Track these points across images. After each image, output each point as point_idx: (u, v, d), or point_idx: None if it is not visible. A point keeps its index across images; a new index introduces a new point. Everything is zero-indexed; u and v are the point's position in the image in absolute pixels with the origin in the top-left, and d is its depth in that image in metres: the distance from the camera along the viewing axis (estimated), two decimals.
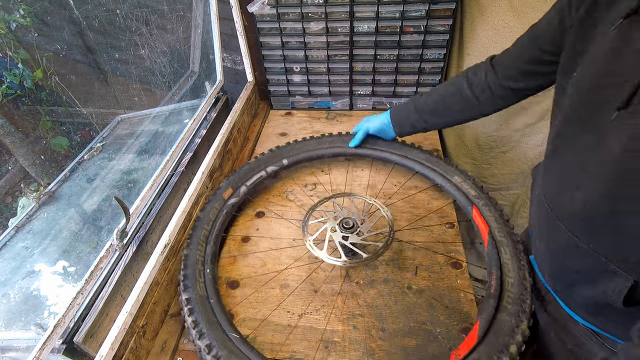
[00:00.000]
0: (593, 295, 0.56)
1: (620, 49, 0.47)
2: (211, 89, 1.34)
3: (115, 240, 0.78)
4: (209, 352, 0.68)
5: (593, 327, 0.63)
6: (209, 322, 0.73)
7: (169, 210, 0.98)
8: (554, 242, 0.62)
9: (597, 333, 0.63)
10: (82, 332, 0.68)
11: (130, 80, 1.02)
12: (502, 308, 0.72)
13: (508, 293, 0.74)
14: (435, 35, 1.27)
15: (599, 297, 0.55)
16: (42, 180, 1.35)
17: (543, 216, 0.64)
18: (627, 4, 0.47)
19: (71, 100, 0.80)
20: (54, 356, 0.64)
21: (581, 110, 0.54)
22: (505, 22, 1.13)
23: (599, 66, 0.50)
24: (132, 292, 0.75)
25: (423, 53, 1.32)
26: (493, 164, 1.43)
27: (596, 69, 0.51)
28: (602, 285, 0.54)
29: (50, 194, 1.05)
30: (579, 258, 0.57)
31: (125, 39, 0.96)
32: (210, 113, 1.31)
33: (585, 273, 0.57)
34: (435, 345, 0.76)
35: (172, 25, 1.16)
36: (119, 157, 1.04)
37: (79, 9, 0.97)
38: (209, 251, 0.89)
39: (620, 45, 0.47)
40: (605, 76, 0.49)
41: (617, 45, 0.47)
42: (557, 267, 0.64)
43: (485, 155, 1.42)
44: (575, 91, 0.55)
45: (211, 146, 1.15)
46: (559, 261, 0.63)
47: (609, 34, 0.49)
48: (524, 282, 0.75)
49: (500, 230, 0.86)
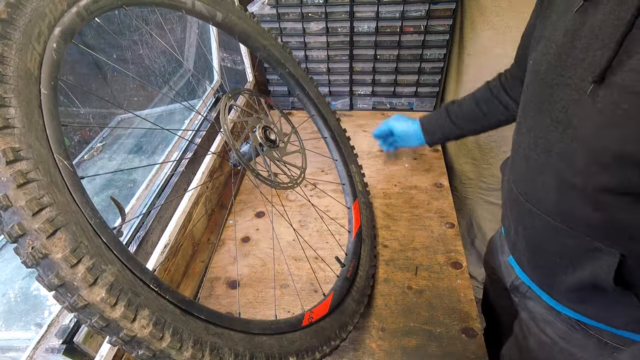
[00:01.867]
0: (579, 280, 0.56)
1: (580, 28, 0.48)
2: (210, 88, 1.34)
3: None
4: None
5: (578, 317, 0.62)
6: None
7: (169, 210, 0.98)
8: (531, 230, 0.62)
9: (582, 322, 0.62)
10: (82, 332, 0.68)
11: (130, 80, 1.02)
12: (351, 293, 0.78)
13: (358, 283, 0.81)
14: (435, 35, 1.27)
15: (586, 280, 0.54)
16: None
17: (517, 207, 0.64)
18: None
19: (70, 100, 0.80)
20: (54, 356, 0.64)
21: (541, 94, 0.55)
22: (505, 22, 1.13)
23: (558, 48, 0.52)
24: None
25: (423, 53, 1.32)
26: (493, 164, 1.43)
27: (554, 50, 0.52)
28: (589, 266, 0.53)
29: None
30: (560, 240, 0.56)
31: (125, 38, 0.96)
32: (210, 113, 1.31)
33: (568, 256, 0.57)
34: (435, 345, 0.76)
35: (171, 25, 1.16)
36: (119, 157, 1.04)
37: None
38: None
39: (579, 25, 0.48)
40: (565, 55, 0.50)
41: (578, 25, 0.49)
42: (539, 256, 0.64)
43: (485, 155, 1.42)
44: (534, 76, 0.57)
45: (211, 146, 1.15)
46: (539, 250, 0.63)
47: (568, 17, 0.51)
48: (369, 280, 0.85)
49: (367, 230, 0.94)
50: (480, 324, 0.80)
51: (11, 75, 0.38)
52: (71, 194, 0.39)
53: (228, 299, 0.88)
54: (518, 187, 0.63)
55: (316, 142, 1.25)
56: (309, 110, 1.06)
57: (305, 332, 0.62)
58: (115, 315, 0.37)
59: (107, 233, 0.41)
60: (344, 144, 1.08)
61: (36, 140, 0.38)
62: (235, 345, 0.49)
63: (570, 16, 0.50)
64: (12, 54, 0.38)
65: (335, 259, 0.84)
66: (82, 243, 0.37)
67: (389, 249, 0.96)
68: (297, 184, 0.80)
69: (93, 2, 0.50)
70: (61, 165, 0.40)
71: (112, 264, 0.39)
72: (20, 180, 0.35)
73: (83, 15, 0.48)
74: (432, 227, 1.01)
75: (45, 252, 0.35)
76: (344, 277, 0.79)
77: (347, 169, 1.03)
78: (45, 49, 0.42)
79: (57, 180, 0.38)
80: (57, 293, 0.36)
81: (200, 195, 1.03)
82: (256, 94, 0.86)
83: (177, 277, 0.91)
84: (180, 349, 0.42)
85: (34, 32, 0.41)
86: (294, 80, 1.01)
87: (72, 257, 0.36)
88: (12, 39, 0.39)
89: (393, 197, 1.11)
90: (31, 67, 0.40)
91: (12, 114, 0.36)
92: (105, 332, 0.38)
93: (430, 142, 1.05)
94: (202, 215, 1.04)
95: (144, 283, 0.42)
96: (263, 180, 0.71)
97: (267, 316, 0.84)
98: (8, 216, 0.35)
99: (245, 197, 1.17)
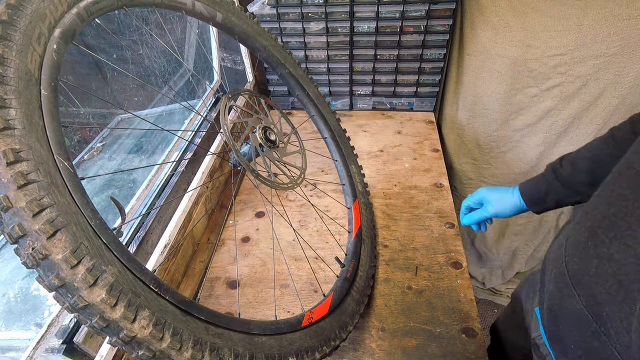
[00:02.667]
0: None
1: None
2: (209, 89, 1.34)
3: None
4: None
5: None
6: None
7: (169, 210, 0.98)
8: (562, 306, 0.55)
9: None
10: (82, 332, 0.68)
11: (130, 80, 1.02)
12: (351, 293, 0.78)
13: (357, 283, 0.81)
14: (435, 35, 1.27)
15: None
16: None
17: (555, 274, 0.56)
18: None
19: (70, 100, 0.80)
20: (54, 356, 0.64)
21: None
22: (505, 22, 1.13)
23: None
24: None
25: (423, 53, 1.32)
26: (493, 164, 1.43)
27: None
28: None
29: None
30: (587, 338, 0.49)
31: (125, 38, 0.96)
32: (210, 113, 1.31)
33: (590, 354, 0.50)
34: (435, 345, 0.76)
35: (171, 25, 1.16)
36: (119, 157, 1.04)
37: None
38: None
39: None
40: None
41: None
42: (562, 339, 0.56)
43: (485, 155, 1.42)
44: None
45: (211, 146, 1.15)
46: (565, 333, 0.56)
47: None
48: (369, 280, 0.84)
49: (367, 231, 0.94)
50: (481, 327, 0.80)
51: (12, 76, 0.38)
52: (71, 195, 0.39)
53: (228, 299, 0.88)
54: (570, 267, 0.52)
55: (316, 143, 1.25)
56: (309, 110, 1.06)
57: (305, 333, 0.62)
58: (116, 316, 0.37)
59: (107, 234, 0.41)
60: (344, 144, 1.09)
61: (36, 142, 0.38)
62: (235, 346, 0.49)
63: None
64: (13, 55, 0.38)
65: (335, 259, 0.84)
66: (82, 244, 0.37)
67: (389, 249, 0.96)
68: (297, 185, 0.80)
69: (93, 3, 0.50)
70: (61, 166, 0.40)
71: (112, 265, 0.39)
72: (21, 182, 0.35)
73: (83, 16, 0.49)
74: (432, 227, 1.01)
75: (46, 253, 0.35)
76: (343, 278, 0.79)
77: (347, 169, 1.03)
78: (45, 50, 0.42)
79: (58, 182, 0.39)
80: (57, 294, 0.36)
81: (200, 195, 1.03)
82: (256, 95, 0.86)
83: (177, 277, 0.91)
84: (180, 349, 0.42)
85: (35, 34, 0.41)
86: (294, 80, 1.01)
87: (72, 258, 0.36)
88: (12, 40, 0.39)
89: (393, 197, 1.11)
90: (31, 69, 0.40)
91: (12, 115, 0.37)
92: (105, 333, 0.38)
93: (538, 211, 0.84)
94: (202, 216, 1.04)
95: (144, 284, 0.42)
96: (263, 180, 0.71)
97: (267, 316, 0.84)
98: (8, 217, 0.35)
99: (245, 197, 1.17)
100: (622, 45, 1.02)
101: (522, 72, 1.18)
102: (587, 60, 1.08)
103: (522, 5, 1.09)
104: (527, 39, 1.12)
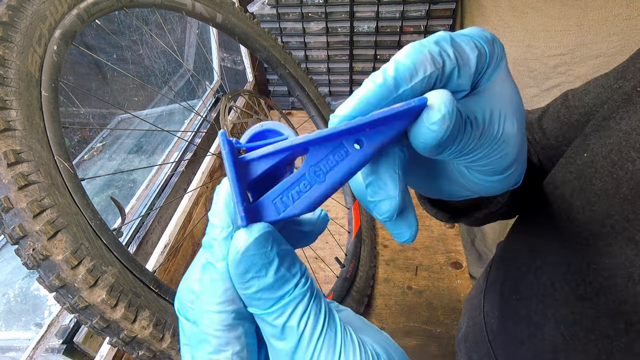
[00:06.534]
0: None
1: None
2: (209, 89, 1.34)
3: None
4: None
5: None
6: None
7: (169, 211, 0.98)
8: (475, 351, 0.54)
9: None
10: (82, 332, 0.68)
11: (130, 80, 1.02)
12: (351, 293, 0.79)
13: (357, 283, 0.82)
14: None
15: None
16: None
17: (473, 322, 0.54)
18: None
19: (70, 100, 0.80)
20: (54, 356, 0.64)
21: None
22: (505, 22, 1.13)
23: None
24: None
25: None
26: None
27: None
28: None
29: None
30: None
31: (125, 38, 0.96)
32: (210, 113, 1.31)
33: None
34: (435, 346, 0.76)
35: (171, 26, 1.16)
36: (119, 157, 1.04)
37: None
38: None
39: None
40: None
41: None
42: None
43: None
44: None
45: (211, 146, 1.15)
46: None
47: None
48: (368, 280, 0.85)
49: (367, 231, 0.95)
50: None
51: (12, 77, 0.38)
52: (72, 195, 0.39)
53: None
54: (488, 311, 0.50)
55: None
56: (309, 110, 1.06)
57: None
58: (116, 316, 0.38)
59: (107, 234, 0.41)
60: None
61: (37, 143, 0.38)
62: None
63: None
64: (13, 56, 0.38)
65: (335, 259, 0.84)
66: (82, 244, 0.37)
67: (389, 249, 0.96)
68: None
69: (93, 4, 0.50)
70: (62, 167, 0.40)
71: (113, 265, 0.40)
72: (22, 183, 0.35)
73: (83, 17, 0.49)
74: (432, 227, 1.01)
75: (46, 254, 0.35)
76: (343, 278, 0.80)
77: None
78: (46, 51, 0.43)
79: (58, 182, 0.39)
80: (58, 294, 0.36)
81: (200, 195, 1.03)
82: (256, 95, 0.87)
83: (177, 278, 0.91)
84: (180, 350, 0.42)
85: (35, 35, 0.41)
86: (293, 80, 1.01)
87: (72, 259, 0.36)
88: (13, 41, 0.39)
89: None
90: (32, 70, 0.40)
91: (13, 117, 0.37)
92: (105, 333, 0.38)
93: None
94: (202, 216, 1.04)
95: (145, 284, 0.42)
96: None
97: None
98: (9, 218, 0.35)
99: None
100: (622, 45, 1.02)
101: (522, 72, 1.18)
102: (587, 60, 1.08)
103: (522, 5, 1.09)
104: (527, 39, 1.12)
